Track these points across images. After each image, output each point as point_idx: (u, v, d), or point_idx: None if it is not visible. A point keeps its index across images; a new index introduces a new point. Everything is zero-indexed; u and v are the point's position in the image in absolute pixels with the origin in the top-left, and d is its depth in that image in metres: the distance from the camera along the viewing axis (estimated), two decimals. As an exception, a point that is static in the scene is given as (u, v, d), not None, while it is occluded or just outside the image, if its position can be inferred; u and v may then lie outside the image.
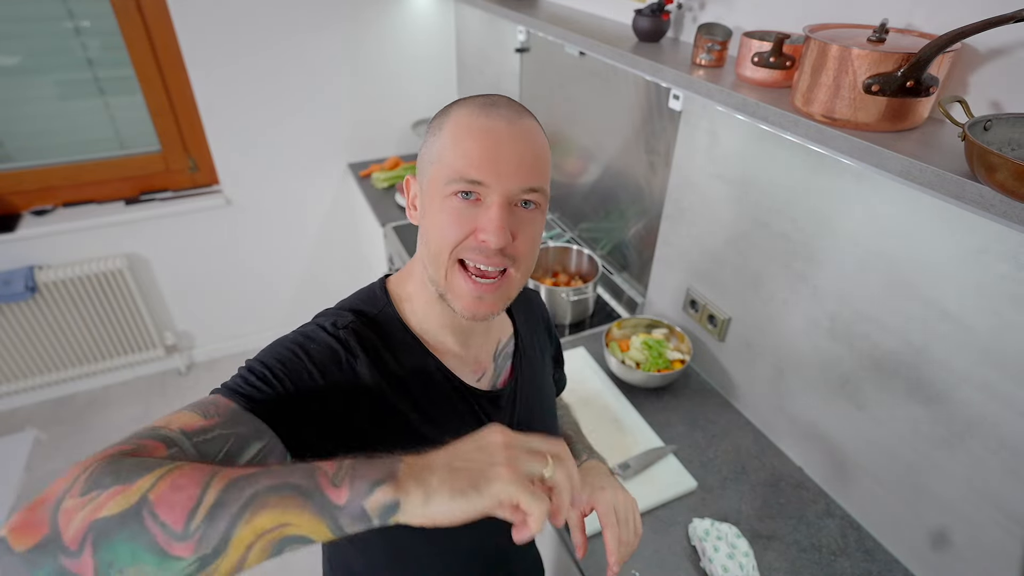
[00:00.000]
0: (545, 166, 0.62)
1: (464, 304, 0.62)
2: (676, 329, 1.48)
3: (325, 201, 2.60)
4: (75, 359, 2.42)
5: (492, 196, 0.58)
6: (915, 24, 0.81)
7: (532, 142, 0.60)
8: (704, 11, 1.16)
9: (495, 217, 0.58)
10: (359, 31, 2.30)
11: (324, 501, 0.41)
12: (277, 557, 0.42)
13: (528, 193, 0.60)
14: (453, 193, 0.59)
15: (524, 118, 0.61)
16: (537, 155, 0.60)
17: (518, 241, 0.61)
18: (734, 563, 1.00)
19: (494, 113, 0.59)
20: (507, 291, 0.63)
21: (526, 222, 0.61)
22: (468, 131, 0.59)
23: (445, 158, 0.59)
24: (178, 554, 0.39)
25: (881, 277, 0.99)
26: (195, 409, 0.51)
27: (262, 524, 0.40)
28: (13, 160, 2.13)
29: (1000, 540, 0.90)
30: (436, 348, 0.69)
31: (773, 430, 1.30)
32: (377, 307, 0.69)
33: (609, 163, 1.72)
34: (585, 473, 0.85)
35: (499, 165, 0.58)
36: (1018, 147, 0.64)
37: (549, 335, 0.91)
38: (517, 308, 0.83)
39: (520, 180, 0.59)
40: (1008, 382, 0.84)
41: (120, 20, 2.00)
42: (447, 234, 0.60)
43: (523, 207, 0.61)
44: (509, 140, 0.58)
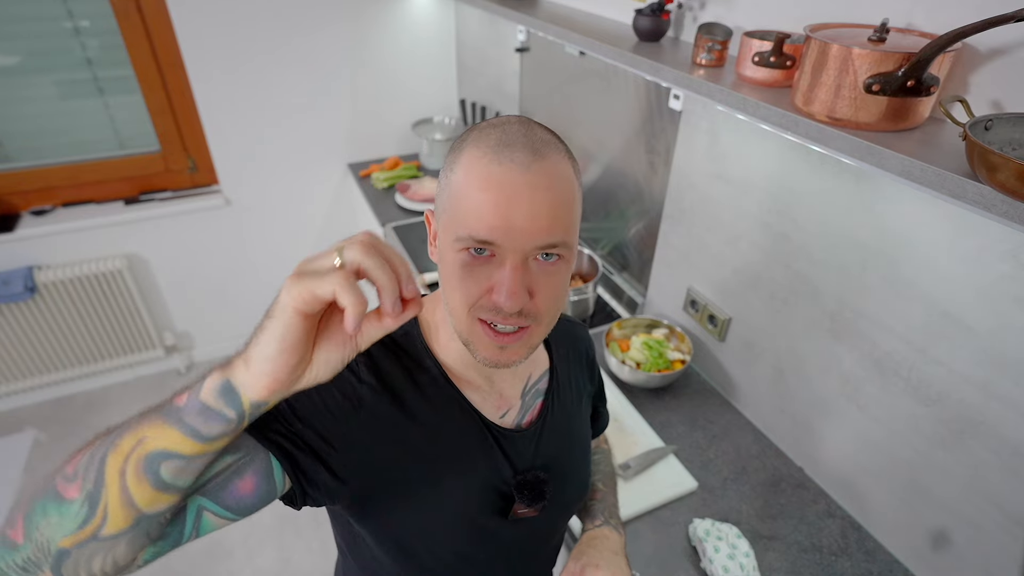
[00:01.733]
0: (568, 215, 0.54)
1: (486, 355, 0.57)
2: (676, 329, 1.48)
3: (325, 201, 2.60)
4: (75, 359, 2.42)
5: (506, 255, 0.52)
6: (916, 24, 0.81)
7: (552, 189, 0.52)
8: (704, 11, 1.16)
9: (508, 279, 0.52)
10: (359, 31, 2.30)
11: (170, 408, 0.43)
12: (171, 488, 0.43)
13: (547, 248, 0.53)
14: (464, 248, 0.54)
15: (544, 158, 0.53)
16: (558, 205, 0.53)
17: (538, 299, 0.54)
18: (734, 563, 1.00)
19: (507, 158, 0.52)
20: (530, 341, 0.58)
21: (546, 276, 0.55)
22: (479, 182, 0.52)
23: (456, 210, 0.54)
24: (69, 496, 0.42)
25: (881, 277, 0.99)
26: None
27: (125, 445, 0.42)
28: (13, 160, 2.13)
29: (1000, 540, 0.90)
30: (460, 379, 0.66)
31: (773, 430, 1.30)
32: (402, 329, 0.65)
33: (609, 163, 1.71)
34: (588, 544, 0.78)
35: (511, 223, 0.51)
36: (1019, 147, 0.64)
37: (591, 375, 0.84)
38: (558, 341, 0.77)
39: (536, 237, 0.52)
40: (1008, 382, 0.84)
41: (120, 20, 2.00)
42: (461, 293, 0.55)
43: (543, 259, 0.54)
44: (524, 190, 0.51)
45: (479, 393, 0.67)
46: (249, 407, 0.43)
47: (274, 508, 2.25)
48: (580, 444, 0.79)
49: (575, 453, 0.77)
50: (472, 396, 0.66)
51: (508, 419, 0.69)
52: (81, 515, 0.41)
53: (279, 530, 2.02)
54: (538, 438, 0.70)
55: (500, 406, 0.69)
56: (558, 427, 0.73)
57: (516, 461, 0.68)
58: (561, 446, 0.74)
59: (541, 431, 0.71)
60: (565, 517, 0.79)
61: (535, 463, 0.70)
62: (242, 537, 1.99)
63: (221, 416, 0.42)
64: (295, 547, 1.97)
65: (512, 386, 0.70)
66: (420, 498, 0.63)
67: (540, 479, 0.68)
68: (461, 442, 0.65)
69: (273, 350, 0.41)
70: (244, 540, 1.98)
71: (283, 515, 2.05)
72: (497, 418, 0.68)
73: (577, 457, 0.78)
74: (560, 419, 0.74)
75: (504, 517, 0.67)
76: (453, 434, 0.64)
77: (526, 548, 0.75)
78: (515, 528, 0.69)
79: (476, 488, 0.66)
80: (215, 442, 0.43)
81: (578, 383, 0.80)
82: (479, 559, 0.70)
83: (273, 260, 2.61)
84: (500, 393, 0.69)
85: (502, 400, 0.69)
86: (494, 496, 0.67)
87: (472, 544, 0.68)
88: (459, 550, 0.68)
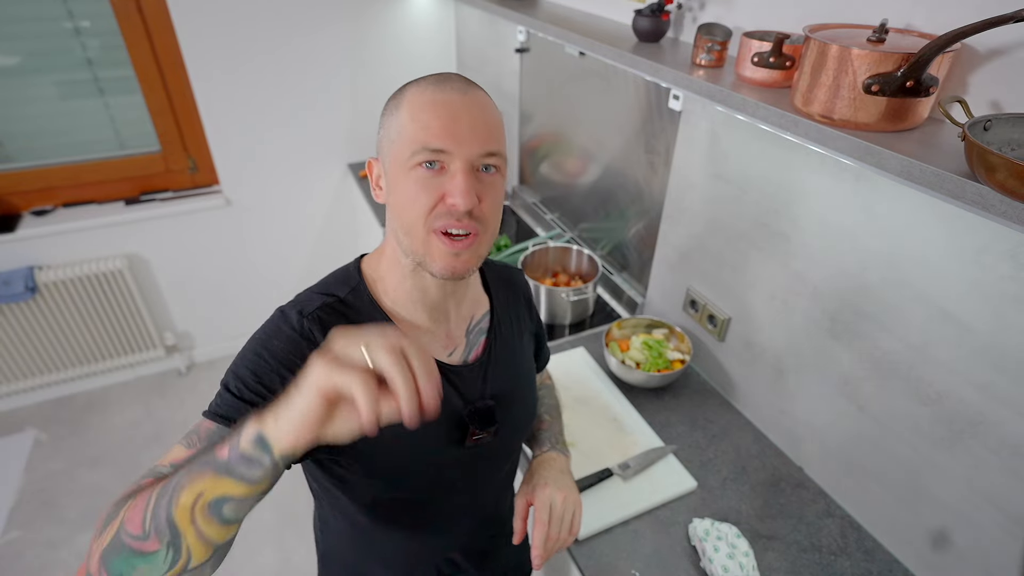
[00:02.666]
0: (500, 132, 0.66)
1: (443, 264, 0.65)
2: (676, 329, 1.48)
3: (325, 201, 2.60)
4: (75, 359, 2.42)
5: (455, 163, 0.62)
6: (915, 24, 0.81)
7: (486, 110, 0.64)
8: (704, 11, 1.16)
9: (461, 182, 0.61)
10: (359, 31, 2.30)
11: (217, 461, 0.50)
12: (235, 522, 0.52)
13: (488, 157, 0.63)
14: (418, 164, 0.62)
15: (475, 90, 0.65)
16: (492, 122, 0.65)
17: (484, 204, 0.64)
18: (734, 563, 1.00)
19: (447, 87, 0.63)
20: (478, 249, 0.66)
21: (489, 185, 0.65)
22: (425, 105, 0.62)
23: (405, 134, 0.63)
24: (151, 550, 0.49)
25: (881, 277, 0.99)
26: (184, 441, 0.59)
27: (186, 501, 0.49)
28: (13, 160, 2.13)
29: (1000, 540, 0.90)
30: (407, 324, 0.72)
31: (773, 430, 1.30)
32: (349, 286, 0.72)
33: (609, 163, 1.72)
34: (537, 467, 0.91)
35: (458, 133, 0.61)
36: (1018, 147, 0.64)
37: (530, 314, 0.93)
38: (496, 286, 0.85)
39: (479, 145, 0.62)
40: (1008, 382, 0.84)
41: (120, 20, 2.00)
42: (418, 203, 0.63)
43: (485, 172, 0.64)
44: (465, 109, 0.62)
45: (427, 335, 0.74)
46: (280, 456, 0.49)
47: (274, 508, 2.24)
48: (524, 374, 0.87)
49: (520, 382, 0.85)
50: (421, 338, 0.73)
51: (456, 356, 0.76)
52: (169, 559, 0.50)
53: (279, 530, 2.02)
54: (484, 371, 0.78)
55: (447, 345, 0.76)
56: (502, 360, 0.81)
57: (467, 394, 0.75)
58: (506, 377, 0.81)
59: (487, 365, 0.78)
60: (517, 439, 0.87)
61: (484, 394, 0.77)
62: (242, 537, 1.99)
63: (259, 463, 0.49)
64: (295, 547, 1.97)
65: (457, 326, 0.77)
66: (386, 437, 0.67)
67: (489, 407, 0.76)
68: None
69: (297, 418, 0.47)
70: (244, 540, 1.98)
71: (283, 515, 2.05)
72: (445, 356, 0.75)
73: (522, 385, 0.86)
74: (503, 353, 0.81)
75: (462, 444, 0.75)
76: None
77: (485, 468, 0.82)
78: (473, 451, 0.77)
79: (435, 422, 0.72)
80: (260, 483, 0.50)
81: (519, 321, 0.88)
82: (445, 480, 0.77)
83: (273, 260, 2.61)
84: (447, 333, 0.76)
85: (449, 340, 0.76)
86: (451, 426, 0.74)
87: (436, 468, 0.75)
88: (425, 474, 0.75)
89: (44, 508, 2.07)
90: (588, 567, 1.03)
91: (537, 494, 0.85)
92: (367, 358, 0.47)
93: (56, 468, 2.21)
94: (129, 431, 2.36)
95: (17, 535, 1.98)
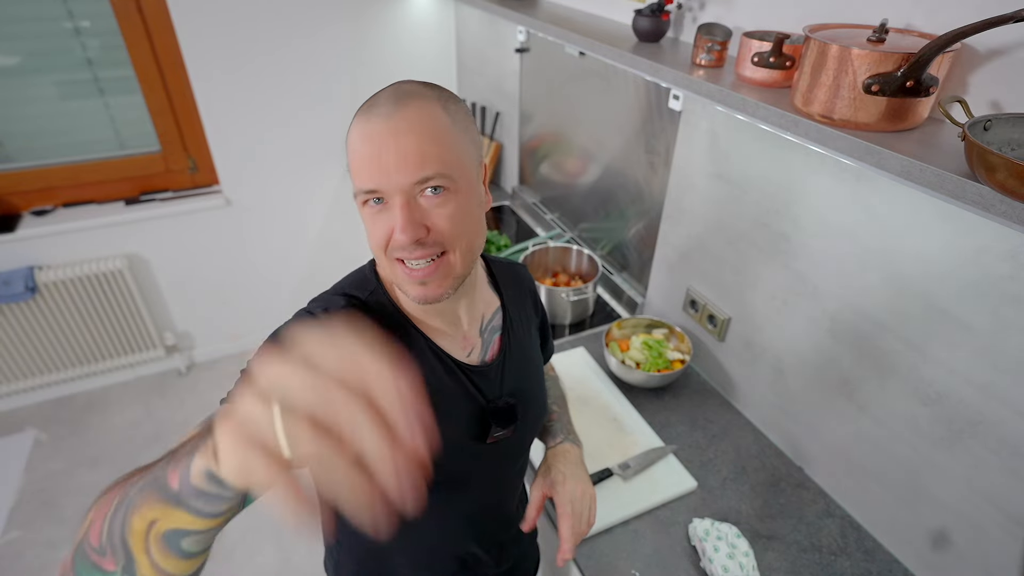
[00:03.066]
0: (438, 149, 0.60)
1: (414, 293, 0.64)
2: (676, 329, 1.48)
3: (325, 201, 2.60)
4: (75, 359, 2.42)
5: (393, 197, 0.60)
6: (915, 24, 0.81)
7: (414, 131, 0.59)
8: (704, 11, 1.16)
9: (399, 217, 0.60)
10: (359, 31, 2.30)
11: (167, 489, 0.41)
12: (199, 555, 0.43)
13: (424, 183, 0.60)
14: (364, 202, 0.62)
15: (405, 106, 0.59)
16: (424, 143, 0.59)
17: (435, 229, 0.61)
18: (734, 563, 1.00)
19: (372, 114, 0.60)
20: (450, 271, 0.64)
21: (437, 207, 0.61)
22: (355, 140, 0.61)
23: (352, 171, 0.63)
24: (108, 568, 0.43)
25: (881, 277, 0.99)
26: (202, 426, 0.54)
27: (138, 527, 0.41)
28: (13, 160, 2.13)
29: (1000, 540, 0.90)
30: (426, 328, 0.72)
31: (773, 430, 1.30)
32: (368, 289, 0.72)
33: (609, 163, 1.72)
34: (553, 459, 0.92)
35: (385, 167, 0.59)
36: (1018, 147, 0.64)
37: (535, 307, 0.93)
38: (505, 282, 0.85)
39: (409, 174, 0.59)
40: (1008, 382, 0.84)
41: (120, 20, 2.00)
42: (373, 238, 0.63)
43: (431, 194, 0.61)
44: (388, 137, 0.59)
45: (446, 338, 0.74)
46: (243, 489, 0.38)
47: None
48: (536, 369, 0.89)
49: (534, 378, 0.87)
50: (441, 342, 0.73)
51: (474, 356, 0.77)
52: None
53: (279, 530, 2.02)
54: (502, 369, 0.79)
55: (465, 346, 0.76)
56: (517, 357, 0.82)
57: (487, 392, 0.76)
58: (522, 374, 0.82)
59: (503, 363, 0.79)
60: (532, 434, 0.89)
61: (503, 391, 0.78)
62: (242, 537, 1.99)
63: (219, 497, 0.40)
64: (295, 547, 1.97)
65: (471, 327, 0.77)
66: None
67: (510, 404, 0.78)
68: (439, 384, 0.72)
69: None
70: (244, 540, 1.98)
71: (283, 515, 2.05)
72: (464, 357, 0.75)
73: (536, 381, 0.87)
74: (517, 350, 0.82)
75: (483, 440, 0.76)
76: (431, 377, 0.72)
77: (503, 464, 0.84)
78: (493, 448, 0.78)
79: (458, 420, 0.74)
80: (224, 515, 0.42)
81: (527, 316, 0.88)
82: (465, 477, 0.79)
83: (273, 260, 2.61)
84: (464, 335, 0.76)
85: (466, 341, 0.76)
86: (473, 424, 0.75)
87: (459, 466, 0.76)
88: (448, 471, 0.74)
89: (44, 508, 2.07)
90: (588, 567, 1.03)
91: (558, 489, 0.87)
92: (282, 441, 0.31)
93: (56, 468, 2.21)
94: (129, 431, 2.36)
95: (17, 535, 1.98)
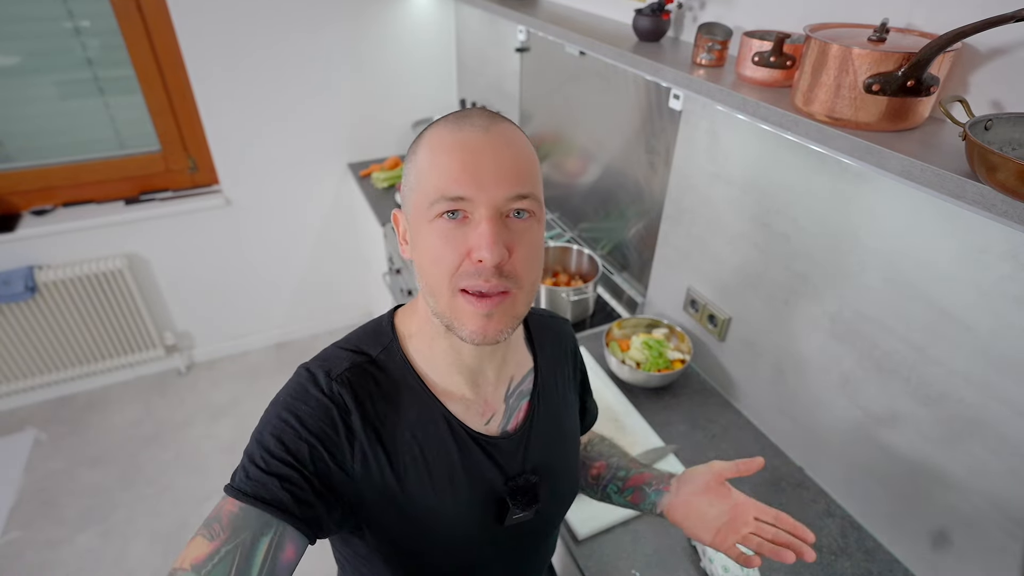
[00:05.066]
0: (532, 170, 0.57)
1: (473, 327, 0.57)
2: (676, 329, 1.48)
3: (325, 201, 2.60)
4: (75, 359, 2.42)
5: (479, 210, 0.54)
6: (915, 24, 0.81)
7: (513, 146, 0.56)
8: (704, 11, 1.16)
9: (486, 232, 0.53)
10: (359, 31, 2.30)
11: None
12: None
13: (517, 201, 0.55)
14: (438, 215, 0.55)
15: (500, 123, 0.58)
16: (520, 159, 0.56)
17: (515, 257, 0.56)
18: (734, 563, 1.00)
19: (467, 124, 0.56)
20: (513, 309, 0.58)
21: (521, 233, 0.56)
22: (442, 148, 0.55)
23: (424, 181, 0.56)
24: None
25: (881, 277, 0.99)
26: (205, 530, 0.52)
27: None
28: (13, 160, 2.13)
29: (1000, 540, 0.90)
30: (442, 390, 0.65)
31: (773, 430, 1.30)
32: (381, 344, 0.65)
33: (609, 163, 1.71)
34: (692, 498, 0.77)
35: (480, 175, 0.54)
36: (1019, 147, 0.64)
37: (575, 369, 0.83)
38: (542, 341, 0.76)
39: (506, 188, 0.54)
40: (1008, 382, 0.84)
41: (120, 20, 2.00)
42: (441, 261, 0.56)
43: (516, 217, 0.56)
44: (487, 148, 0.55)
45: (462, 403, 0.66)
46: None
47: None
48: (570, 441, 0.78)
49: (565, 451, 0.77)
50: (455, 408, 0.65)
51: (493, 425, 0.68)
52: None
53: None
54: (526, 441, 0.70)
55: (484, 412, 0.68)
56: (546, 428, 0.72)
57: (507, 467, 0.68)
58: (550, 446, 0.73)
59: (529, 434, 0.70)
60: (560, 514, 0.79)
61: (525, 467, 0.70)
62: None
63: None
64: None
65: (496, 390, 0.69)
66: (416, 515, 0.63)
67: (531, 483, 0.69)
68: (448, 459, 0.64)
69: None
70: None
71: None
72: (482, 426, 0.67)
73: (568, 455, 0.77)
74: (546, 419, 0.73)
75: (500, 523, 0.68)
76: (440, 451, 0.64)
77: (523, 547, 0.76)
78: (511, 531, 0.70)
79: (469, 500, 0.66)
80: None
81: (565, 378, 0.79)
82: (479, 563, 0.71)
83: (273, 260, 2.61)
84: (484, 400, 0.68)
85: (486, 406, 0.68)
86: (489, 504, 0.67)
87: (470, 552, 0.69)
88: (459, 558, 0.69)
89: (44, 508, 2.07)
90: (588, 567, 1.03)
91: (743, 509, 0.74)
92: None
93: (56, 468, 2.21)
94: (129, 431, 2.36)
95: (17, 535, 1.98)
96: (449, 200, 0.54)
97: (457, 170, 0.54)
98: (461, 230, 0.55)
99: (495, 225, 0.54)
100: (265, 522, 0.52)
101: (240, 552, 0.50)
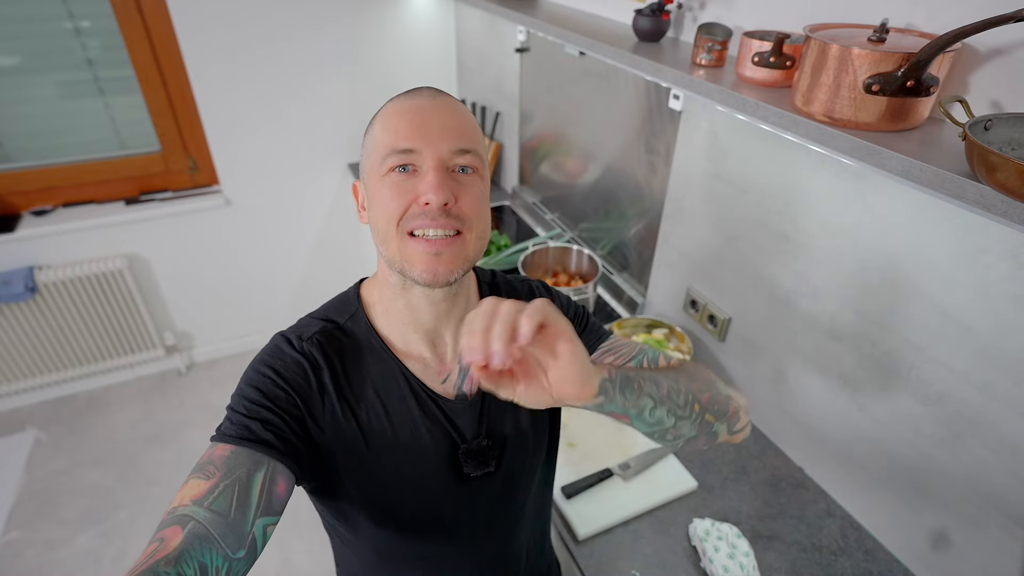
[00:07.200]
0: (475, 133, 0.64)
1: (423, 266, 0.60)
2: (676, 329, 1.48)
3: (325, 201, 2.60)
4: (75, 359, 2.42)
5: (427, 162, 0.60)
6: (915, 24, 0.81)
7: (457, 111, 0.63)
8: (704, 11, 1.16)
9: (432, 179, 0.59)
10: (359, 31, 2.30)
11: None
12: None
13: (461, 156, 0.61)
14: (390, 169, 0.61)
15: (446, 96, 0.65)
16: (464, 121, 0.63)
17: (461, 202, 0.61)
18: (734, 563, 1.00)
19: (416, 94, 0.64)
20: (463, 250, 0.62)
21: (466, 185, 0.62)
22: (394, 113, 0.62)
23: (377, 143, 0.62)
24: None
25: (881, 277, 0.99)
26: (199, 473, 0.55)
27: None
28: (13, 160, 2.13)
29: (1000, 540, 0.90)
30: (402, 351, 0.70)
31: (773, 430, 1.30)
32: (348, 312, 0.71)
33: (609, 163, 1.72)
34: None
35: (427, 131, 0.60)
36: (1018, 147, 0.64)
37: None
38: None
39: (451, 141, 0.61)
40: (1008, 382, 0.84)
41: (120, 20, 2.00)
42: (390, 207, 0.61)
43: (461, 172, 0.62)
44: (434, 110, 0.62)
45: (420, 363, 0.70)
46: None
47: (274, 508, 2.23)
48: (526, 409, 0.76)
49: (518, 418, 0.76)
50: (414, 367, 0.69)
51: (448, 384, 0.71)
52: None
53: (279, 530, 2.02)
54: (480, 407, 0.72)
55: (442, 372, 0.71)
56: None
57: (464, 429, 0.71)
58: (505, 412, 0.74)
59: (482, 400, 0.73)
60: (523, 479, 0.79)
61: (480, 431, 0.72)
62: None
63: None
64: (295, 547, 1.97)
65: (453, 352, 0.71)
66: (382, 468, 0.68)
67: (483, 447, 0.72)
68: (409, 414, 0.69)
69: None
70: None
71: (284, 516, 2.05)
72: (439, 385, 0.70)
73: (523, 421, 0.76)
74: None
75: (459, 479, 0.72)
76: (400, 408, 0.68)
77: (490, 507, 0.77)
78: (473, 490, 0.74)
79: (429, 456, 0.70)
80: None
81: None
82: (447, 518, 0.75)
83: (273, 260, 2.61)
84: (441, 360, 0.71)
85: (443, 367, 0.71)
86: (447, 462, 0.71)
87: (438, 506, 0.73)
88: (427, 511, 0.73)
89: (44, 508, 2.07)
90: (588, 567, 1.03)
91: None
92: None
93: (56, 468, 2.21)
94: (129, 431, 2.36)
95: (17, 535, 1.98)
96: (399, 153, 0.60)
97: (406, 127, 0.60)
98: (411, 181, 0.61)
99: (441, 173, 0.60)
100: (256, 460, 0.57)
101: (239, 485, 0.54)
